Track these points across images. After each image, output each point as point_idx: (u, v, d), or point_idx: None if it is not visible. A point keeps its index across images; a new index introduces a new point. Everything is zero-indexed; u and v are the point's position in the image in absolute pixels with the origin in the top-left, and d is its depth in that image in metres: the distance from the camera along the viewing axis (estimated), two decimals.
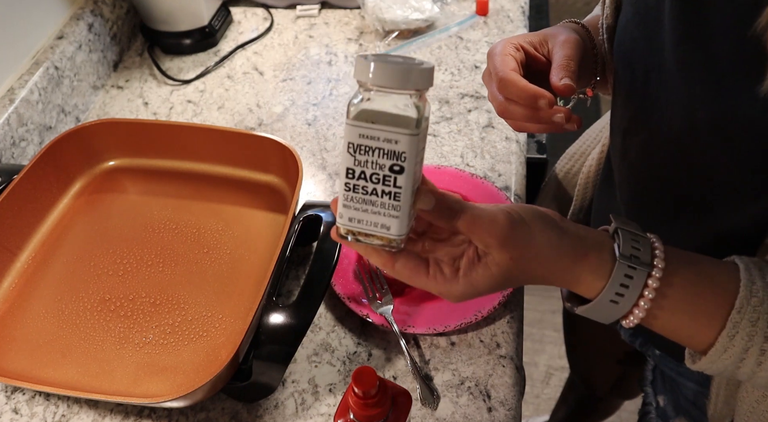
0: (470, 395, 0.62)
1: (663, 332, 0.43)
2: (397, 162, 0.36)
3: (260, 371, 0.57)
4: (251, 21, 1.08)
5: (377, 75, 0.35)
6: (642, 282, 0.41)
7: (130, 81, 1.00)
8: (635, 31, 0.51)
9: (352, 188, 0.38)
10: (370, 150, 0.36)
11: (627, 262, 0.41)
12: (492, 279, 0.41)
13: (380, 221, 0.38)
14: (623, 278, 0.41)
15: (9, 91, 0.82)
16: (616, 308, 0.42)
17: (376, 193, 0.37)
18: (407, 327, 0.64)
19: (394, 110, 0.36)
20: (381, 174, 0.37)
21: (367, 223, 0.38)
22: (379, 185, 0.37)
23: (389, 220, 0.38)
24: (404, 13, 0.99)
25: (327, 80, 0.96)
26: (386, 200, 0.37)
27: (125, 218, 0.76)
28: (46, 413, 0.63)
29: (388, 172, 0.36)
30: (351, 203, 0.38)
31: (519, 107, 0.51)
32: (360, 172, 0.37)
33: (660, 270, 0.41)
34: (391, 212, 0.38)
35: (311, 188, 0.82)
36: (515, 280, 0.42)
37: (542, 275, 0.42)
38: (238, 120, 0.92)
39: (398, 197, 0.37)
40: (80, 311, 0.68)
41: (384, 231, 0.38)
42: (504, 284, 0.42)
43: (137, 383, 0.62)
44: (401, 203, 0.37)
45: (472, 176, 0.78)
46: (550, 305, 1.71)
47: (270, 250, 0.71)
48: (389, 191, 0.37)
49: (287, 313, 0.56)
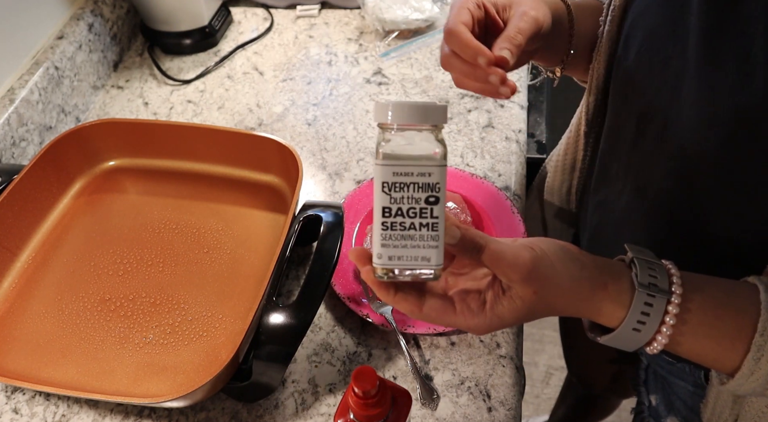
0: (470, 395, 0.62)
1: (688, 356, 0.43)
2: (432, 193, 0.38)
3: (260, 371, 0.57)
4: (251, 21, 1.08)
5: (399, 115, 0.38)
6: (662, 309, 0.41)
7: (131, 81, 1.00)
8: (657, 15, 0.50)
9: (390, 226, 0.39)
10: (405, 186, 0.38)
11: (646, 290, 0.41)
12: (517, 312, 0.42)
13: (420, 254, 0.39)
14: (643, 306, 0.41)
15: (9, 91, 0.82)
16: (638, 337, 0.42)
17: (414, 227, 0.38)
18: (407, 327, 0.64)
19: (422, 145, 0.38)
20: (418, 207, 0.38)
21: (407, 258, 0.39)
22: (417, 218, 0.38)
23: (429, 251, 0.39)
24: (404, 13, 0.99)
25: (327, 80, 0.96)
26: (425, 232, 0.38)
27: (125, 218, 0.76)
28: (46, 413, 0.63)
29: (424, 204, 0.38)
30: (390, 241, 0.39)
31: (459, 61, 0.50)
32: (396, 209, 0.38)
33: (678, 296, 0.41)
34: (431, 243, 0.39)
35: (311, 188, 0.82)
36: (539, 312, 0.43)
37: (564, 307, 0.43)
38: (238, 120, 0.92)
39: (436, 227, 0.38)
40: (80, 311, 0.68)
41: (425, 264, 0.39)
42: (528, 317, 0.43)
43: (137, 383, 0.62)
44: (439, 232, 0.39)
45: (472, 176, 0.78)
46: None
47: (270, 250, 0.71)
48: (427, 222, 0.38)
49: (287, 313, 0.56)
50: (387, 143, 0.38)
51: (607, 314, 0.42)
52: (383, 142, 0.39)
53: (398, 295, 0.42)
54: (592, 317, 0.43)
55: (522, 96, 0.91)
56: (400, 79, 0.95)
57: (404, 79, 0.95)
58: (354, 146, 0.86)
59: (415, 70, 0.97)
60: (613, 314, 0.42)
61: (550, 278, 0.41)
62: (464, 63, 0.50)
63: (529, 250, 0.41)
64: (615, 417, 1.27)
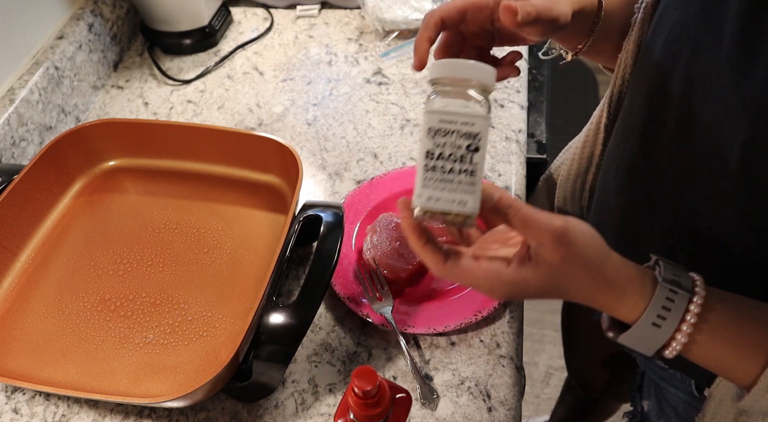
0: (470, 395, 0.62)
1: (705, 362, 0.42)
2: (473, 142, 0.41)
3: (260, 371, 0.57)
4: (251, 21, 1.08)
5: (451, 70, 0.42)
6: (683, 306, 0.41)
7: (131, 81, 1.00)
8: (690, 3, 0.48)
9: (432, 168, 0.41)
10: (449, 133, 0.41)
11: (669, 285, 0.41)
12: (541, 279, 0.41)
13: (458, 197, 0.41)
14: (665, 301, 0.41)
15: (9, 91, 0.82)
16: (658, 334, 0.41)
17: (453, 171, 0.41)
18: (407, 327, 0.64)
19: (468, 98, 0.42)
20: (459, 153, 0.41)
21: (445, 201, 0.41)
22: (457, 163, 0.41)
23: (466, 196, 0.41)
24: (404, 13, 0.99)
25: (327, 80, 0.96)
26: (464, 177, 0.41)
27: (125, 218, 0.76)
28: (46, 413, 0.63)
29: (465, 151, 0.41)
30: (430, 182, 0.41)
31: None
32: (439, 153, 0.41)
33: (701, 297, 0.41)
34: (468, 188, 0.41)
35: (311, 188, 0.82)
36: (562, 285, 0.42)
37: (587, 287, 0.42)
38: (238, 120, 0.92)
39: (474, 173, 0.41)
40: (80, 311, 0.68)
41: (461, 208, 0.41)
42: (551, 287, 0.42)
43: (137, 383, 0.62)
44: (476, 179, 0.41)
45: None
46: (550, 305, 1.71)
47: (270, 250, 0.71)
48: (466, 168, 0.41)
49: (287, 313, 0.56)
50: (436, 94, 0.42)
51: (629, 305, 0.42)
52: (433, 94, 0.42)
53: (427, 245, 0.43)
54: (612, 305, 0.43)
55: (522, 96, 0.91)
56: (400, 79, 0.95)
57: (404, 79, 0.95)
58: (354, 146, 0.86)
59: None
60: (635, 305, 0.42)
61: (579, 246, 0.41)
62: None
63: (563, 219, 0.41)
64: (616, 417, 1.27)
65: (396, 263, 0.68)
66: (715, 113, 0.45)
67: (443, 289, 0.69)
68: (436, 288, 0.69)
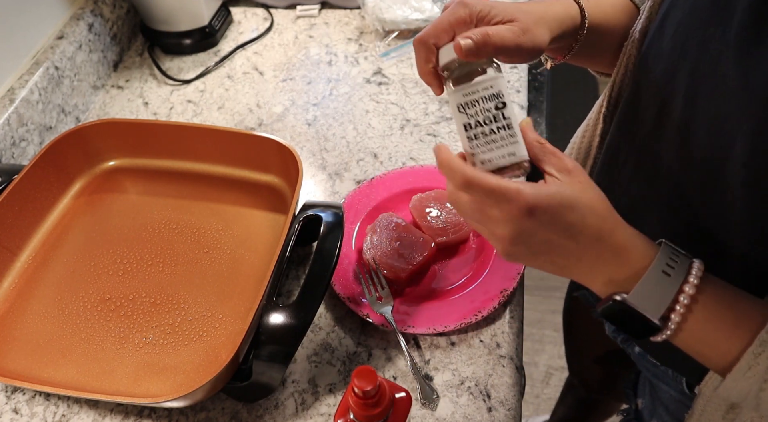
0: (470, 395, 0.62)
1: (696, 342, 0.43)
2: (498, 100, 0.45)
3: (260, 371, 0.57)
4: (251, 21, 1.08)
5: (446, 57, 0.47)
6: (686, 265, 0.43)
7: (131, 81, 1.00)
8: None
9: (474, 137, 0.45)
10: (475, 102, 0.45)
11: (672, 247, 0.44)
12: (558, 194, 0.42)
13: (505, 151, 0.45)
14: (671, 254, 0.43)
15: (9, 91, 0.82)
16: (667, 285, 0.42)
17: (493, 131, 0.45)
18: (407, 327, 0.64)
19: (478, 67, 0.46)
20: (491, 114, 0.45)
21: (496, 158, 0.45)
22: (493, 123, 0.45)
23: (512, 147, 0.45)
24: (404, 13, 0.99)
25: (327, 80, 0.96)
26: (503, 132, 0.45)
27: (125, 218, 0.76)
28: (46, 413, 0.63)
29: (495, 111, 0.45)
30: (476, 149, 0.45)
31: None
32: (474, 122, 0.45)
33: (699, 266, 0.43)
34: (511, 140, 0.45)
35: (311, 188, 0.82)
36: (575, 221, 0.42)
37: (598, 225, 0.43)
38: (238, 120, 0.92)
39: (511, 124, 0.45)
40: (80, 311, 0.68)
41: (512, 159, 0.45)
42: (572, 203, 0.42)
43: (137, 383, 0.62)
44: (515, 129, 0.45)
45: None
46: (550, 305, 1.71)
47: (270, 250, 0.71)
48: (502, 124, 0.45)
49: (287, 313, 0.56)
50: (452, 74, 0.47)
51: (640, 248, 0.43)
52: (450, 75, 0.47)
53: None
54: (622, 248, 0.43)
55: (522, 96, 0.91)
56: (400, 79, 0.95)
57: (404, 79, 0.95)
58: (354, 146, 0.86)
59: (414, 70, 0.96)
60: (644, 253, 0.43)
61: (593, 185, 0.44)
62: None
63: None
64: (616, 416, 1.27)
65: (396, 263, 0.68)
66: (721, 105, 0.45)
67: (443, 289, 0.69)
68: (436, 288, 0.69)
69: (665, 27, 0.52)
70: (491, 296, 0.66)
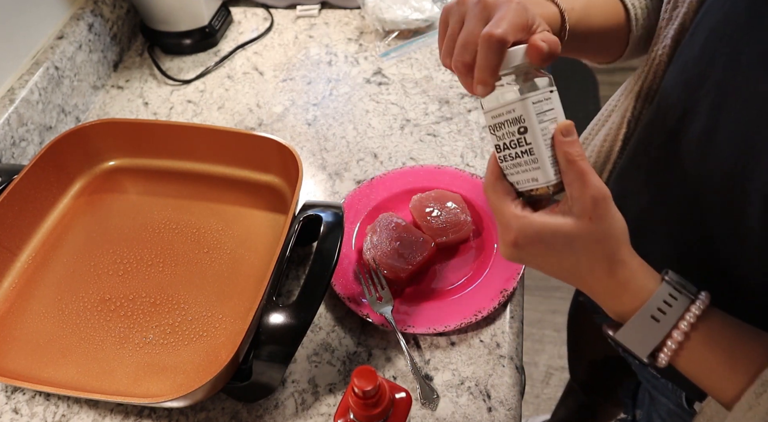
0: (470, 395, 0.62)
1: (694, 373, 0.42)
2: (520, 125, 0.44)
3: (260, 371, 0.57)
4: (251, 21, 1.08)
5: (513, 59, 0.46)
6: (684, 306, 0.41)
7: (131, 81, 1.00)
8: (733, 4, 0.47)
9: (503, 158, 0.46)
10: (501, 125, 0.45)
11: (674, 284, 0.42)
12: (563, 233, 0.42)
13: (529, 176, 0.45)
14: (668, 296, 0.42)
15: (9, 91, 0.82)
16: (655, 329, 0.41)
17: (519, 155, 0.45)
18: (407, 327, 0.64)
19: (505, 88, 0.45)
20: (515, 138, 0.44)
21: (524, 181, 0.45)
22: (517, 147, 0.45)
23: (534, 173, 0.44)
24: (404, 13, 0.99)
25: (327, 80, 0.96)
26: (526, 157, 0.44)
27: (125, 218, 0.76)
28: (46, 413, 0.63)
29: (518, 135, 0.44)
30: (507, 171, 0.46)
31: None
32: (503, 144, 0.45)
33: (703, 302, 0.41)
34: (533, 165, 0.44)
35: (311, 188, 0.82)
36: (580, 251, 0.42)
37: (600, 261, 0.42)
38: (238, 120, 0.92)
39: (532, 151, 0.44)
40: (80, 311, 0.68)
41: (535, 184, 0.45)
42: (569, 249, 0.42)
43: (137, 383, 0.62)
44: (537, 154, 0.44)
45: (472, 176, 0.78)
46: (550, 305, 1.71)
47: (270, 250, 0.71)
48: (524, 149, 0.44)
49: (287, 313, 0.56)
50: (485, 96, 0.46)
51: (632, 292, 0.42)
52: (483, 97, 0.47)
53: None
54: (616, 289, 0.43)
55: None
56: (400, 79, 0.95)
57: (404, 79, 0.95)
58: (354, 146, 0.86)
59: (415, 70, 0.97)
60: (638, 293, 0.42)
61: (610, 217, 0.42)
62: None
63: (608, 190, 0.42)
64: None
65: (396, 263, 0.68)
66: (748, 122, 0.43)
67: (443, 289, 0.69)
68: (436, 288, 0.69)
69: (697, 34, 0.51)
70: (491, 296, 0.66)
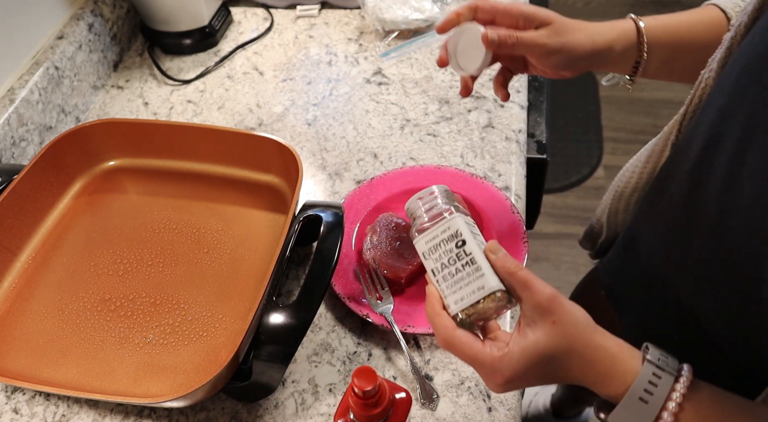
0: (470, 395, 0.62)
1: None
2: (458, 239, 0.46)
3: (260, 371, 0.57)
4: (251, 21, 1.08)
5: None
6: (669, 385, 0.42)
7: (131, 81, 1.00)
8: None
9: (443, 278, 0.47)
10: (437, 246, 0.47)
11: (655, 362, 0.42)
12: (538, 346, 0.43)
13: (474, 287, 0.45)
14: (652, 376, 0.42)
15: (9, 91, 0.82)
16: (645, 411, 0.41)
17: (459, 270, 0.46)
18: (407, 327, 0.64)
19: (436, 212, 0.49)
20: (454, 254, 0.46)
21: (468, 295, 0.45)
22: (457, 262, 0.46)
23: (480, 281, 0.45)
24: (404, 13, 0.99)
25: (327, 80, 0.97)
26: (468, 269, 0.46)
27: (125, 218, 0.76)
28: (47, 413, 0.63)
29: (456, 249, 0.46)
30: (449, 290, 0.46)
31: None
32: (440, 265, 0.47)
33: (687, 379, 0.42)
34: (476, 274, 0.45)
35: (311, 188, 0.82)
36: (558, 354, 0.43)
37: (581, 353, 0.43)
38: (238, 120, 0.92)
39: (474, 260, 0.46)
40: (80, 311, 0.68)
41: (482, 292, 0.45)
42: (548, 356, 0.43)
43: (137, 383, 0.62)
44: (479, 263, 0.45)
45: (472, 176, 0.78)
46: None
47: (270, 250, 0.71)
48: (465, 261, 0.46)
49: (287, 313, 0.56)
50: (414, 222, 0.50)
51: (618, 375, 0.43)
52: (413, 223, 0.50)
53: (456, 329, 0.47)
54: (603, 376, 0.43)
55: (522, 96, 0.91)
56: (400, 79, 0.95)
57: (404, 79, 0.95)
58: (354, 146, 0.86)
59: (415, 70, 0.97)
60: (624, 377, 0.42)
61: (568, 310, 0.43)
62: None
63: (551, 288, 0.44)
64: None
65: (396, 263, 0.68)
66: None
67: None
68: None
69: (738, 59, 0.48)
70: None
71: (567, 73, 0.60)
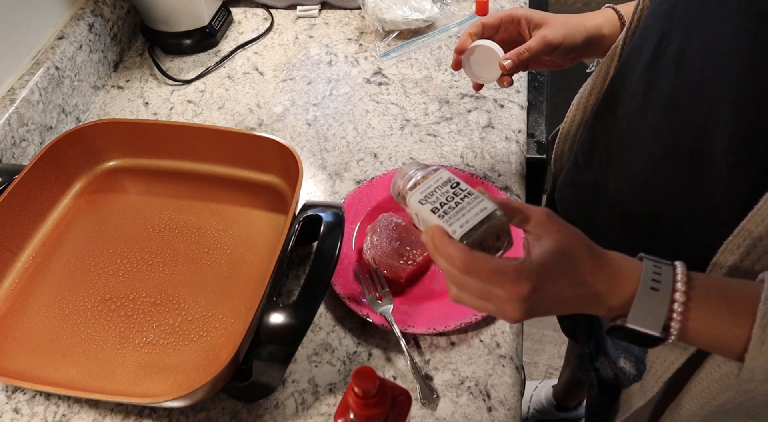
0: (470, 395, 0.62)
1: (704, 337, 0.44)
2: (452, 181, 0.50)
3: (260, 371, 0.57)
4: (251, 21, 1.08)
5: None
6: (671, 273, 0.45)
7: (131, 81, 1.00)
8: None
9: (444, 212, 0.48)
10: (432, 192, 0.50)
11: (652, 259, 0.46)
12: (550, 252, 0.44)
13: (476, 210, 0.48)
14: (654, 267, 0.45)
15: (10, 92, 0.82)
16: (658, 299, 0.44)
17: (459, 202, 0.48)
18: (407, 327, 0.64)
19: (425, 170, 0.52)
20: (451, 192, 0.49)
21: (472, 217, 0.47)
22: (456, 197, 0.49)
23: (482, 204, 0.48)
24: (404, 13, 0.99)
25: (327, 80, 0.97)
26: (468, 198, 0.49)
27: (125, 218, 0.76)
28: (47, 413, 0.63)
29: (452, 189, 0.49)
30: (452, 219, 0.48)
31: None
32: (439, 204, 0.49)
33: (682, 265, 0.45)
34: (477, 200, 0.48)
35: (311, 188, 0.82)
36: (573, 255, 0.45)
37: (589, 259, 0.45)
38: (238, 120, 0.92)
39: (472, 192, 0.49)
40: (81, 311, 0.68)
41: (485, 212, 0.47)
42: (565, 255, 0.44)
43: (137, 383, 0.62)
44: (476, 195, 0.49)
45: (472, 176, 0.78)
46: None
47: (270, 250, 0.71)
48: (464, 194, 0.49)
49: (287, 313, 0.56)
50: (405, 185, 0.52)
51: (626, 272, 0.45)
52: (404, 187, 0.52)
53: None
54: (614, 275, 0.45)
55: (522, 96, 0.91)
56: (400, 79, 0.95)
57: (404, 79, 0.95)
58: (354, 146, 0.86)
59: (415, 70, 0.97)
60: (631, 270, 0.45)
61: (567, 224, 0.46)
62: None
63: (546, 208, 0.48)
64: None
65: (396, 263, 0.68)
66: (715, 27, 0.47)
67: (443, 289, 0.69)
68: (436, 288, 0.69)
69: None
70: None
71: (567, 62, 0.68)
